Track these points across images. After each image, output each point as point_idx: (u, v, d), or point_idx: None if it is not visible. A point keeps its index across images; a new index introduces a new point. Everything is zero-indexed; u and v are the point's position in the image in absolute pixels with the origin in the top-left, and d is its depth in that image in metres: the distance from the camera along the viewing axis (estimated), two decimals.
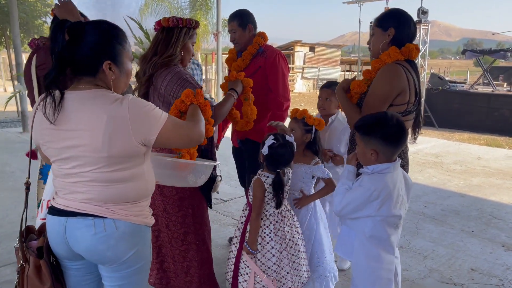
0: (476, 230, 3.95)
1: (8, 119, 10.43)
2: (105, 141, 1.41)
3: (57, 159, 1.50)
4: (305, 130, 2.39)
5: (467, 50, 12.00)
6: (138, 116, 1.44)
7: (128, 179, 1.51)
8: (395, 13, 2.25)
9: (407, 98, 2.12)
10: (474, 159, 6.93)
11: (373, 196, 1.81)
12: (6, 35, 10.62)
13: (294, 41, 24.91)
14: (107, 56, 1.46)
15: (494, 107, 10.32)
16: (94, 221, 1.48)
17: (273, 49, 3.16)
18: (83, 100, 1.43)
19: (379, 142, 1.80)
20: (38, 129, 1.50)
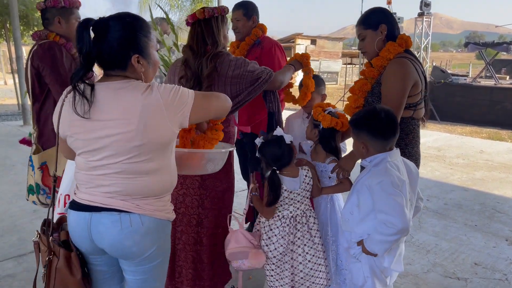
0: (479, 224, 3.93)
1: (8, 112, 10.41)
2: (140, 129, 1.41)
3: (85, 151, 1.49)
4: (313, 125, 2.30)
5: (469, 43, 11.92)
6: (170, 100, 1.46)
7: (155, 171, 1.52)
8: (379, 10, 2.28)
9: (420, 88, 2.15)
10: (476, 153, 6.90)
11: (395, 183, 1.79)
12: (6, 28, 10.56)
13: (295, 34, 24.79)
14: (134, 50, 1.47)
15: (496, 100, 10.27)
16: (120, 217, 1.48)
17: (270, 40, 3.18)
18: (115, 90, 1.44)
19: (367, 136, 1.87)
20: (67, 121, 1.49)
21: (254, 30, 3.13)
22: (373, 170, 1.86)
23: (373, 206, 1.83)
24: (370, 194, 1.83)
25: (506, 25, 18.85)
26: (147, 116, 1.42)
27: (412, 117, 2.18)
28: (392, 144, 1.89)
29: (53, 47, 2.44)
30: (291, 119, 2.87)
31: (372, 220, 1.85)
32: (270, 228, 2.14)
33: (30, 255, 3.14)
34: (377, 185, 1.80)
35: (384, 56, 2.17)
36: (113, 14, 1.50)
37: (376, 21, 2.20)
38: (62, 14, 2.52)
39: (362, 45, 2.27)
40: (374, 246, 1.84)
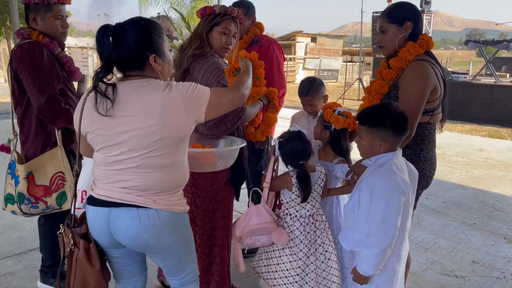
0: (478, 222, 3.94)
1: (8, 110, 10.40)
2: (160, 124, 1.50)
3: (105, 146, 1.56)
4: (324, 126, 2.26)
5: (470, 41, 11.91)
6: (188, 97, 1.55)
7: (170, 166, 1.59)
8: (409, 5, 2.16)
9: (439, 93, 2.09)
10: (476, 151, 6.91)
11: (401, 188, 1.75)
12: (6, 25, 10.57)
13: (296, 32, 24.78)
14: (151, 50, 1.56)
15: (496, 98, 10.26)
16: (138, 212, 1.56)
17: (267, 38, 3.20)
18: (135, 88, 1.53)
19: (389, 132, 1.79)
20: (89, 117, 1.57)
21: (252, 28, 3.15)
22: (379, 170, 1.81)
23: (370, 206, 1.80)
24: (370, 193, 1.79)
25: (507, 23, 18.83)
26: (166, 112, 1.50)
27: (428, 122, 2.14)
28: (401, 142, 1.86)
29: (33, 48, 2.26)
30: (296, 117, 2.85)
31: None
32: (290, 230, 2.10)
33: (30, 253, 3.16)
34: (381, 188, 1.75)
35: (403, 57, 2.09)
36: (128, 19, 1.59)
37: (403, 17, 2.10)
38: (37, 11, 2.34)
39: (382, 38, 2.17)
40: (365, 265, 1.81)
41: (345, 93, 14.29)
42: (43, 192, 2.38)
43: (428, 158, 2.20)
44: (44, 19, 2.36)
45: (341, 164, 2.23)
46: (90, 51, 25.68)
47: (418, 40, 2.11)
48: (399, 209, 1.75)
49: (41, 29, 2.36)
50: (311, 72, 24.88)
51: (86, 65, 25.25)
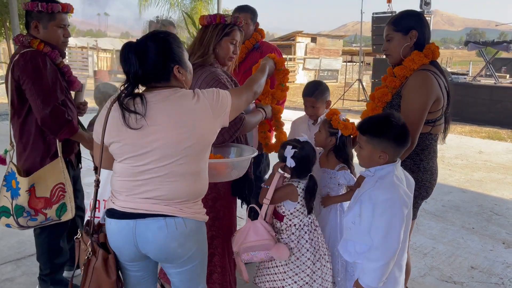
0: (476, 226, 3.94)
1: (7, 112, 10.40)
2: (191, 131, 1.54)
3: (131, 156, 1.56)
4: (329, 132, 2.26)
5: (469, 42, 11.90)
6: (215, 103, 1.62)
7: (195, 174, 1.63)
8: (415, 14, 2.18)
9: (442, 104, 2.09)
10: (475, 153, 6.91)
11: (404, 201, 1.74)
12: (6, 26, 10.56)
13: (296, 32, 24.79)
14: (174, 61, 1.60)
15: (496, 100, 10.27)
16: (166, 221, 1.57)
17: (268, 44, 3.24)
18: (164, 97, 1.56)
19: (390, 143, 1.77)
20: (114, 127, 1.57)
21: (254, 34, 3.18)
22: (380, 183, 1.79)
23: (372, 220, 1.77)
24: (372, 207, 1.77)
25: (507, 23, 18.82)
26: (198, 119, 1.56)
27: (429, 133, 2.13)
28: (401, 153, 1.85)
29: (36, 57, 2.22)
30: (297, 123, 2.85)
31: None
32: (298, 240, 2.09)
33: (29, 259, 3.16)
34: (384, 202, 1.74)
35: (407, 66, 2.10)
36: (147, 34, 1.62)
37: (408, 26, 2.11)
38: (40, 19, 2.30)
39: (387, 46, 2.19)
40: (368, 278, 1.79)
41: (345, 93, 14.29)
42: (43, 204, 2.35)
43: (428, 168, 2.20)
44: (46, 27, 2.32)
45: (344, 171, 2.23)
46: (90, 51, 25.73)
47: (424, 50, 2.11)
48: (402, 222, 1.74)
49: (42, 38, 2.32)
50: (311, 72, 24.89)
51: (86, 65, 25.30)
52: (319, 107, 2.59)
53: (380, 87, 2.25)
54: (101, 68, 24.14)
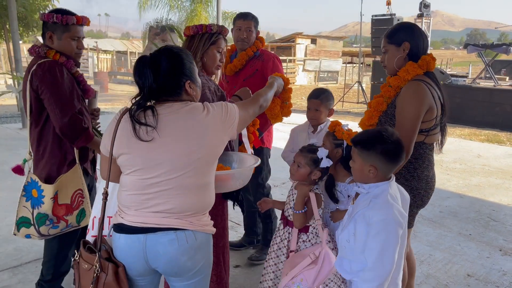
0: (473, 233, 3.95)
1: (8, 114, 10.41)
2: (201, 143, 1.57)
3: (141, 168, 1.56)
4: (335, 144, 2.26)
5: (469, 44, 11.90)
6: (224, 116, 1.65)
7: (204, 186, 1.64)
8: (406, 27, 2.24)
9: (435, 114, 2.12)
10: (474, 157, 6.91)
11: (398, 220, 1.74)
12: (5, 29, 10.56)
13: (295, 33, 24.81)
14: (186, 77, 1.63)
15: (495, 102, 10.27)
16: (177, 235, 1.57)
17: (268, 53, 3.24)
18: (175, 110, 1.58)
19: (379, 158, 1.76)
20: (124, 139, 1.57)
21: (255, 41, 3.19)
22: (374, 202, 1.77)
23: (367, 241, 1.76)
24: (366, 227, 1.75)
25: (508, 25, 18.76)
26: (208, 131, 1.59)
27: (423, 142, 2.15)
28: (395, 170, 1.85)
29: (53, 67, 2.26)
30: (296, 131, 2.87)
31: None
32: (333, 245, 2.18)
33: (26, 266, 3.17)
34: (379, 223, 1.72)
35: (402, 77, 2.14)
36: (161, 48, 1.65)
37: (401, 38, 2.17)
38: (54, 30, 2.35)
39: (384, 58, 2.27)
40: None
41: (345, 95, 14.29)
42: (65, 211, 2.39)
43: (423, 177, 2.21)
44: (60, 38, 2.36)
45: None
46: (90, 53, 25.76)
47: (419, 61, 2.15)
48: (396, 243, 1.73)
49: (57, 48, 2.36)
50: (311, 73, 24.89)
51: (86, 66, 25.32)
52: (322, 111, 2.63)
53: (377, 96, 2.30)
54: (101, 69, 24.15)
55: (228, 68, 3.21)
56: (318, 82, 24.78)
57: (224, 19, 15.43)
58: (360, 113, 12.60)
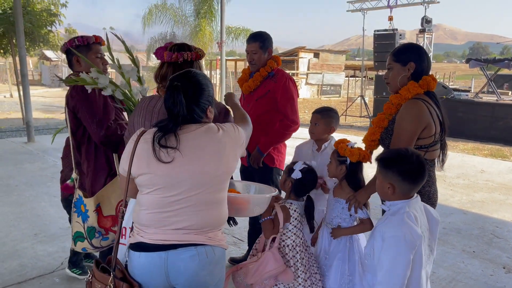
0: (477, 250, 3.93)
1: (13, 128, 10.50)
2: (219, 160, 1.63)
3: (162, 187, 1.60)
4: (339, 161, 2.33)
5: (471, 59, 11.97)
6: (235, 136, 1.72)
7: (221, 201, 1.70)
8: (414, 47, 2.31)
9: (433, 131, 2.17)
10: (477, 173, 6.90)
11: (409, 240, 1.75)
12: (12, 43, 10.72)
13: (298, 47, 24.98)
14: (208, 103, 1.71)
15: (498, 117, 10.30)
16: (197, 250, 1.62)
17: (283, 73, 3.21)
18: (194, 131, 1.64)
19: (397, 177, 1.82)
20: (144, 159, 1.61)
21: (269, 61, 3.18)
22: (390, 219, 1.83)
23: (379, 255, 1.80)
24: (381, 242, 1.81)
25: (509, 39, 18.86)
26: (224, 149, 1.65)
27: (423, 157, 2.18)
28: (416, 190, 1.88)
29: (85, 87, 2.40)
30: (301, 148, 2.92)
31: None
32: (292, 261, 2.24)
33: (30, 282, 3.18)
34: (390, 238, 1.77)
35: (402, 95, 2.22)
36: (187, 74, 1.69)
37: (407, 58, 2.24)
38: (79, 53, 2.49)
39: (388, 75, 2.33)
40: None
41: (348, 109, 14.34)
42: (111, 222, 2.48)
43: (425, 192, 2.23)
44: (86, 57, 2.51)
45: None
46: None
47: (420, 81, 2.22)
48: (406, 261, 1.75)
49: (84, 69, 2.50)
50: (314, 87, 25.00)
51: None
52: (321, 126, 2.68)
53: (380, 114, 2.37)
54: None
55: (244, 87, 3.27)
56: (321, 95, 24.88)
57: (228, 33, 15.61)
58: (363, 127, 12.62)
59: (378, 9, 12.77)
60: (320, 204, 2.74)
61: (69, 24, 18.92)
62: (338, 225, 2.33)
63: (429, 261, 1.92)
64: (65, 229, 4.05)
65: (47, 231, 4.05)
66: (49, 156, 7.12)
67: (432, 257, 1.95)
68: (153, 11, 15.96)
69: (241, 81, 3.34)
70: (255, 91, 3.20)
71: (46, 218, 4.41)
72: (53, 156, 7.14)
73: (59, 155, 3.43)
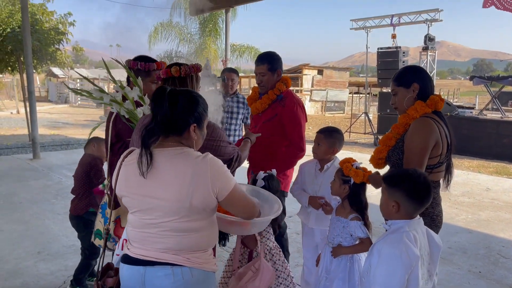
0: (483, 270, 3.88)
1: (19, 144, 10.57)
2: (188, 192, 1.58)
3: (139, 210, 1.66)
4: (342, 180, 2.34)
5: (474, 77, 11.99)
6: (217, 172, 1.63)
7: (202, 228, 1.67)
8: (413, 69, 2.34)
9: (440, 151, 2.18)
10: (482, 191, 6.85)
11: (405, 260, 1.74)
12: (20, 61, 10.88)
13: (302, 64, 25.17)
14: (194, 120, 1.68)
15: (503, 134, 10.24)
16: (173, 270, 1.63)
17: (291, 97, 3.14)
18: (170, 156, 1.63)
19: (403, 195, 1.82)
20: (124, 182, 1.69)
21: (278, 84, 3.10)
22: (389, 236, 1.84)
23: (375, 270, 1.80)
24: (377, 259, 1.81)
25: None
26: (195, 181, 1.58)
27: None
28: (420, 211, 1.87)
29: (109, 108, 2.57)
30: (304, 167, 2.93)
31: None
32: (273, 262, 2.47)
33: None
34: (386, 255, 1.77)
35: (410, 115, 2.23)
36: (181, 89, 1.75)
37: (409, 80, 2.27)
38: (138, 76, 2.57)
39: (394, 100, 2.35)
40: None
41: (352, 126, 14.34)
42: None
43: (427, 214, 2.22)
44: (145, 83, 2.62)
45: (356, 221, 2.27)
46: (102, 83, 26.29)
47: (428, 100, 2.24)
48: (400, 280, 1.73)
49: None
50: (318, 103, 25.08)
51: None
52: (322, 146, 2.70)
53: (387, 133, 2.39)
54: None
55: (252, 107, 3.23)
56: (325, 112, 24.94)
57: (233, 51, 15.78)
58: (367, 143, 12.60)
59: (381, 27, 12.88)
60: (321, 224, 2.74)
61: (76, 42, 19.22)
62: (339, 244, 2.32)
63: (426, 286, 1.89)
64: (68, 247, 4.05)
65: (50, 249, 4.05)
66: (54, 173, 7.14)
67: (431, 283, 1.92)
68: (158, 29, 16.22)
69: (250, 100, 3.30)
70: (263, 113, 3.16)
71: (49, 235, 4.40)
72: (57, 173, 7.16)
73: (64, 172, 3.48)
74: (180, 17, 15.88)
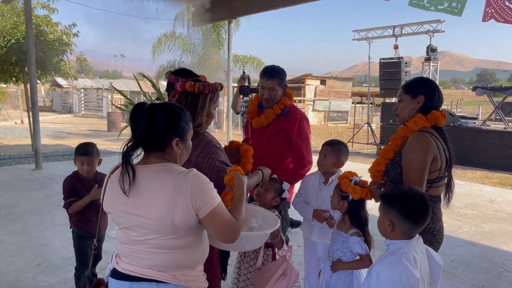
0: (486, 284, 3.83)
1: (22, 154, 10.60)
2: (170, 210, 1.56)
3: (125, 227, 1.66)
4: (341, 196, 2.33)
5: (477, 87, 11.98)
6: (199, 189, 1.58)
7: (189, 245, 1.65)
8: (425, 81, 2.34)
9: (439, 165, 2.16)
10: (486, 202, 6.79)
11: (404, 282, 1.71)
12: (24, 71, 10.97)
13: (305, 75, 25.26)
14: (176, 134, 1.66)
15: (507, 145, 10.19)
16: (158, 287, 1.62)
17: (296, 111, 3.14)
18: (152, 173, 1.61)
19: (397, 215, 1.80)
20: (110, 198, 1.69)
21: (283, 98, 3.09)
22: (387, 258, 1.80)
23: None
24: (376, 281, 1.77)
25: None
26: (176, 198, 1.56)
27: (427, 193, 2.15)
28: (418, 231, 1.85)
29: None
30: (307, 179, 2.92)
31: None
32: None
33: None
34: (385, 278, 1.74)
35: (409, 127, 2.22)
36: (162, 102, 1.72)
37: (417, 91, 2.26)
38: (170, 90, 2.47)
39: (397, 106, 2.35)
40: None
41: (355, 136, 14.32)
42: None
43: (428, 229, 2.19)
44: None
45: (355, 237, 2.25)
46: (105, 93, 26.46)
47: (429, 115, 2.22)
48: None
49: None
50: (321, 113, 25.08)
51: (100, 106, 25.92)
52: (329, 159, 2.70)
53: (386, 145, 2.38)
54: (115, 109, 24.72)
55: (254, 121, 3.16)
56: (328, 122, 24.93)
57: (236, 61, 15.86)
58: (369, 154, 12.56)
59: (383, 37, 12.92)
60: (324, 237, 2.72)
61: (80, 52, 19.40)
62: (338, 259, 2.30)
63: None
64: (68, 259, 4.02)
65: (49, 261, 4.03)
66: (56, 183, 7.14)
67: None
68: (162, 40, 16.35)
69: (250, 114, 3.23)
70: (267, 128, 3.11)
71: (49, 247, 4.39)
72: (59, 183, 7.12)
73: None
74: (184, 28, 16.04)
